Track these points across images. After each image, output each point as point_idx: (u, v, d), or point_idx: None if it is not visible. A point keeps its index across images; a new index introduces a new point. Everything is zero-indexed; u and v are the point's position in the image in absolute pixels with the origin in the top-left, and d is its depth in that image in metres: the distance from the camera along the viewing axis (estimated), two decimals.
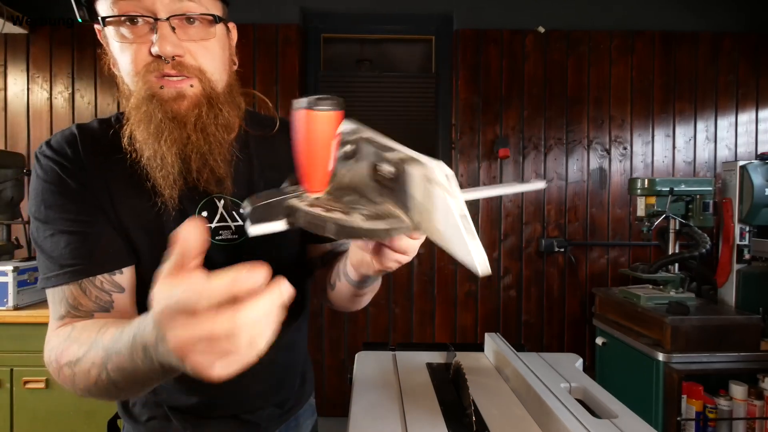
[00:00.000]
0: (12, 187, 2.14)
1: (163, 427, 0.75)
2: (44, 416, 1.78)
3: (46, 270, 0.60)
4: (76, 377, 0.51)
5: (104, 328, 0.51)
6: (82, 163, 0.62)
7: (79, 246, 0.59)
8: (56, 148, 0.63)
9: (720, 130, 2.55)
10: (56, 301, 0.60)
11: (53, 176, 0.61)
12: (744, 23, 2.53)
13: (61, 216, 0.60)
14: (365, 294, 0.69)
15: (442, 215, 0.39)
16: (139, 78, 0.57)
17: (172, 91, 0.57)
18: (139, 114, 0.57)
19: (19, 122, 2.43)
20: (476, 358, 1.19)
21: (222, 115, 0.61)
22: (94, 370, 0.48)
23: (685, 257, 1.79)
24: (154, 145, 0.58)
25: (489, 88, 2.50)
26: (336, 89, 2.59)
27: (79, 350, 0.51)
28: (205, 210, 0.67)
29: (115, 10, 0.56)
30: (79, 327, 0.56)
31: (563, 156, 2.52)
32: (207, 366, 0.35)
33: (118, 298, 0.62)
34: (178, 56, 0.57)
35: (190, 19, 0.57)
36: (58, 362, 0.54)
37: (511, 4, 2.49)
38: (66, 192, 0.61)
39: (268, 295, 0.34)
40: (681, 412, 1.62)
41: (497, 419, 0.84)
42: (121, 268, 0.62)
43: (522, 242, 2.52)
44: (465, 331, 2.53)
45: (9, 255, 2.10)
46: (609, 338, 1.97)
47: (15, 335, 1.77)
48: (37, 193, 0.61)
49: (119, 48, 0.58)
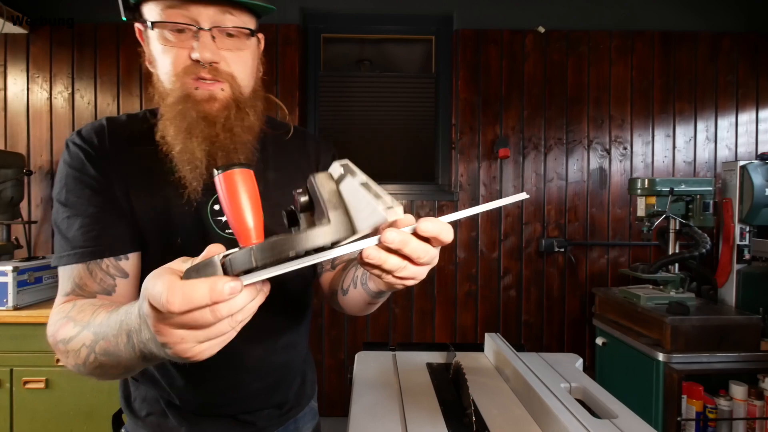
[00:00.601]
0: (12, 187, 2.14)
1: (160, 423, 0.76)
2: (44, 416, 1.78)
3: (60, 249, 0.66)
4: (68, 354, 0.55)
5: (98, 311, 0.55)
6: (107, 152, 0.68)
7: (91, 230, 0.64)
8: (85, 137, 0.68)
9: (720, 130, 2.55)
10: (64, 279, 0.65)
11: (77, 162, 0.67)
12: (743, 23, 2.53)
13: (78, 200, 0.65)
14: (378, 303, 0.70)
15: (352, 197, 0.41)
16: (177, 78, 0.63)
17: (206, 93, 0.63)
18: (174, 111, 0.63)
19: (19, 122, 2.43)
20: (476, 358, 1.19)
21: (247, 118, 0.67)
22: (84, 351, 0.53)
23: (685, 257, 1.79)
24: (186, 141, 0.63)
25: (489, 88, 2.50)
26: (336, 89, 2.59)
27: (73, 330, 0.55)
28: (218, 204, 0.70)
29: (165, 17, 0.61)
30: (78, 306, 0.59)
31: (563, 156, 2.52)
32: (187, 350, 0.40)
33: (121, 283, 0.66)
34: (215, 62, 0.63)
35: (229, 31, 0.64)
36: (54, 338, 0.58)
37: (511, 4, 2.50)
38: (86, 178, 0.66)
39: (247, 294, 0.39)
40: (681, 412, 1.62)
41: (497, 419, 0.84)
42: (127, 254, 0.67)
43: (522, 242, 2.52)
44: (465, 331, 2.53)
45: (9, 255, 2.10)
46: (609, 338, 1.97)
47: (15, 335, 1.77)
48: (62, 177, 0.67)
49: (162, 50, 0.63)
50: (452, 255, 2.51)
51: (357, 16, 2.55)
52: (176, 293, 0.37)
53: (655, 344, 1.67)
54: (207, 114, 0.64)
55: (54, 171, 2.43)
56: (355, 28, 2.60)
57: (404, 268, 0.45)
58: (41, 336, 1.78)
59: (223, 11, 0.63)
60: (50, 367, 1.77)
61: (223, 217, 0.71)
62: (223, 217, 0.71)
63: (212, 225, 0.71)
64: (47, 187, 2.43)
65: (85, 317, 0.56)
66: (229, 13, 0.63)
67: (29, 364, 1.77)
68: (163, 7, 0.61)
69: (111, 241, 0.65)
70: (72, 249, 0.65)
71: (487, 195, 2.51)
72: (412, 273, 0.46)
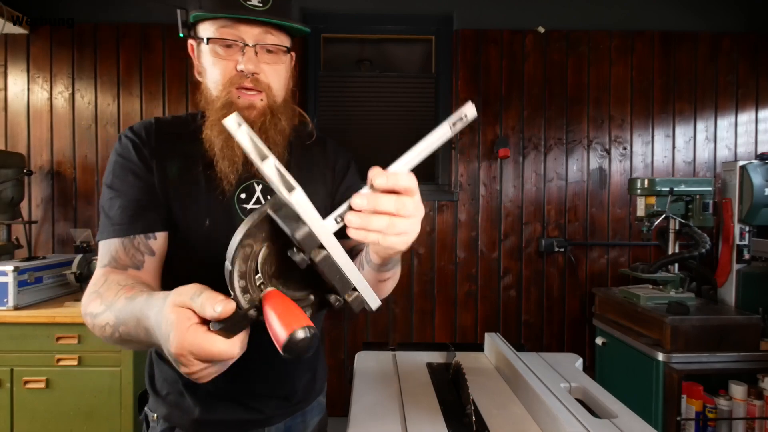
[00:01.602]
0: (12, 187, 2.14)
1: (177, 403, 0.84)
2: (44, 416, 1.78)
3: (102, 227, 0.76)
4: (95, 327, 0.65)
5: (120, 292, 0.64)
6: (152, 145, 0.79)
7: (128, 209, 0.75)
8: (135, 131, 0.80)
9: (720, 130, 2.55)
10: (103, 252, 0.75)
11: (125, 151, 0.78)
12: (743, 23, 2.53)
13: (122, 184, 0.76)
14: (388, 279, 0.74)
15: None
16: (223, 87, 0.75)
17: (246, 101, 0.75)
18: (219, 115, 0.73)
19: (19, 122, 2.43)
20: (476, 358, 1.19)
21: (279, 123, 0.78)
22: (108, 329, 0.63)
23: (685, 257, 1.79)
24: (228, 139, 0.75)
25: (489, 88, 2.50)
26: (336, 89, 2.59)
27: (99, 307, 0.65)
28: (244, 192, 0.81)
29: (218, 35, 0.74)
30: (107, 283, 0.69)
31: (563, 156, 2.52)
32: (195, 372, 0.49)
33: (148, 260, 0.75)
34: (256, 73, 0.75)
35: (269, 48, 0.76)
36: (85, 309, 0.68)
37: (511, 4, 2.50)
38: (131, 165, 0.77)
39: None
40: (681, 411, 1.62)
41: (497, 419, 0.84)
42: (156, 234, 0.76)
43: (522, 242, 2.52)
44: (465, 331, 2.53)
45: (9, 255, 2.10)
46: (609, 338, 1.97)
47: (15, 335, 1.77)
48: (111, 164, 0.78)
49: (212, 62, 0.76)
50: (452, 255, 2.51)
51: (357, 16, 2.55)
52: (184, 347, 0.46)
53: (655, 344, 1.67)
54: (246, 119, 0.71)
55: (54, 171, 2.43)
56: (355, 28, 2.60)
57: (393, 225, 0.48)
58: (41, 336, 1.78)
59: (266, 31, 0.75)
60: (50, 367, 1.77)
61: (248, 204, 0.81)
62: (248, 204, 0.81)
63: (238, 211, 0.80)
64: (47, 187, 2.43)
65: (110, 296, 0.65)
66: (270, 33, 0.75)
67: (29, 364, 1.77)
68: (217, 26, 0.74)
69: (144, 221, 0.75)
70: (111, 225, 0.74)
71: (487, 195, 2.51)
72: (402, 227, 0.49)
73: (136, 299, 0.59)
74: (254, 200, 0.81)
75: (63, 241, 2.44)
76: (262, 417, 0.86)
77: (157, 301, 0.54)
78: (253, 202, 0.81)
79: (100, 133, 2.44)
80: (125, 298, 0.62)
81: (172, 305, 0.49)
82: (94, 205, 2.44)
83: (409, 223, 0.49)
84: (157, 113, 2.45)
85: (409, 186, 0.49)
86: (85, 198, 2.44)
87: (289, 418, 0.90)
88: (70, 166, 2.43)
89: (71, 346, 1.77)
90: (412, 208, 0.49)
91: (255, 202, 0.81)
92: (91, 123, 2.44)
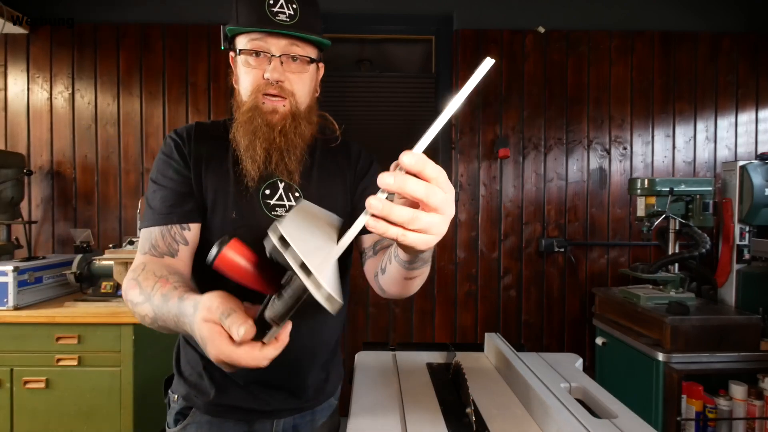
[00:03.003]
0: (12, 187, 2.14)
1: (196, 384, 0.90)
2: (44, 416, 1.78)
3: (145, 216, 0.84)
4: (136, 314, 0.73)
5: (157, 284, 0.71)
6: (191, 145, 0.87)
7: (168, 201, 0.83)
8: (179, 132, 0.89)
9: (720, 130, 2.55)
10: (144, 239, 0.82)
11: (169, 150, 0.86)
12: (743, 23, 2.53)
13: (164, 178, 0.84)
14: (415, 278, 0.71)
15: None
16: (252, 93, 0.83)
17: (270, 106, 0.84)
18: (245, 118, 0.83)
19: (19, 122, 2.43)
20: (476, 358, 1.19)
21: (300, 127, 0.85)
22: (147, 319, 0.71)
23: (685, 257, 1.79)
24: (252, 140, 0.83)
25: (489, 88, 2.50)
26: (336, 89, 2.59)
27: (139, 297, 0.72)
28: (269, 189, 0.88)
29: (249, 47, 0.83)
30: (146, 271, 0.75)
31: (563, 156, 2.52)
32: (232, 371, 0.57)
33: (182, 249, 0.82)
34: (280, 81, 0.83)
35: (294, 58, 0.84)
36: (125, 294, 0.75)
37: (511, 4, 2.50)
38: (172, 162, 0.85)
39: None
40: (681, 412, 1.62)
41: (497, 419, 0.84)
42: (190, 225, 0.83)
43: (522, 242, 2.52)
44: (465, 331, 2.53)
45: (9, 255, 2.10)
46: (609, 338, 1.97)
47: (15, 335, 1.77)
48: (156, 161, 0.87)
49: (244, 71, 0.84)
50: (452, 255, 2.51)
51: (357, 16, 2.55)
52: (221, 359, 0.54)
53: (655, 344, 1.67)
54: (269, 122, 0.83)
55: (54, 171, 2.43)
56: (355, 28, 2.59)
57: (416, 219, 0.43)
58: (41, 336, 1.78)
59: (291, 43, 0.83)
60: (50, 367, 1.77)
61: (271, 200, 0.87)
62: (271, 200, 0.87)
63: (261, 205, 0.87)
64: (47, 187, 2.43)
65: (147, 287, 0.71)
66: (296, 45, 0.83)
67: (29, 364, 1.77)
68: (248, 39, 0.83)
69: (180, 212, 0.83)
70: (153, 215, 0.82)
71: (487, 195, 2.51)
72: (426, 223, 0.43)
73: (170, 300, 0.66)
74: (277, 196, 0.88)
75: (63, 241, 2.44)
76: (269, 409, 0.89)
77: (188, 308, 0.61)
78: (276, 198, 0.88)
79: (100, 133, 2.44)
80: (161, 294, 0.68)
81: (202, 321, 0.55)
82: (94, 205, 2.44)
83: (434, 220, 0.44)
84: (157, 113, 2.45)
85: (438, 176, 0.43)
86: (85, 198, 2.44)
87: (297, 414, 0.92)
88: (70, 166, 2.43)
89: (71, 346, 1.77)
90: (440, 199, 0.43)
91: (278, 198, 0.88)
92: (91, 123, 2.44)
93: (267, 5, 0.80)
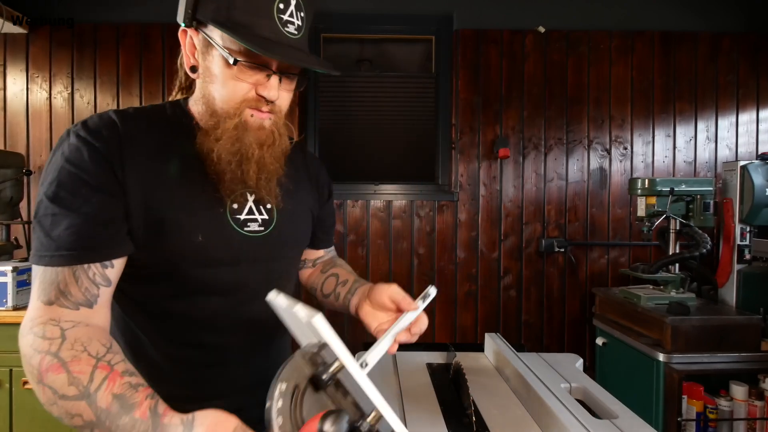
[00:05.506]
0: (11, 187, 2.14)
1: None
2: (43, 416, 1.77)
3: (41, 248, 0.61)
4: (56, 406, 0.54)
5: (95, 373, 0.54)
6: (115, 147, 0.66)
7: (80, 232, 0.61)
8: (92, 129, 0.66)
9: (720, 130, 2.55)
10: (46, 282, 0.61)
11: (77, 156, 0.63)
12: (743, 23, 2.53)
13: (72, 199, 0.61)
14: None
15: None
16: (237, 104, 0.70)
17: (258, 121, 0.72)
18: (231, 135, 0.69)
19: (18, 122, 2.43)
20: (476, 358, 1.19)
21: (281, 140, 0.76)
22: (78, 420, 0.52)
23: (686, 257, 1.78)
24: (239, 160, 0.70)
25: (489, 88, 2.50)
26: (336, 89, 2.59)
27: (68, 388, 0.53)
28: (236, 203, 0.75)
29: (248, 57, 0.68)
30: (68, 343, 0.57)
31: (563, 156, 2.52)
32: None
33: (104, 292, 0.64)
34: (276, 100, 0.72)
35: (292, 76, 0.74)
36: (40, 375, 0.55)
37: (511, 4, 2.49)
38: (83, 175, 0.63)
39: None
40: (681, 412, 1.62)
41: (497, 419, 0.84)
42: (113, 261, 0.64)
43: (522, 242, 2.52)
44: (465, 331, 2.52)
45: (9, 255, 2.09)
46: (609, 338, 1.96)
47: (15, 335, 1.75)
48: (55, 170, 0.63)
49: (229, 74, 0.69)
50: (452, 255, 2.51)
51: (357, 16, 2.55)
52: None
53: (655, 344, 1.67)
54: (257, 138, 0.72)
55: None
56: (355, 28, 2.59)
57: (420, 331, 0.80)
58: None
59: None
60: None
61: (240, 216, 0.75)
62: (240, 216, 0.75)
63: (231, 223, 0.74)
64: None
65: (83, 375, 0.54)
66: None
67: None
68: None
69: (101, 247, 0.63)
70: (57, 250, 0.60)
71: (487, 195, 2.51)
72: (419, 329, 0.79)
73: (132, 411, 0.52)
74: (247, 210, 0.76)
75: None
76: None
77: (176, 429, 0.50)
78: (246, 213, 0.76)
79: None
80: (112, 396, 0.53)
81: None
82: None
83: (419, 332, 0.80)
84: None
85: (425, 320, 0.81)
86: None
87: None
88: None
89: None
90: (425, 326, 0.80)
91: (248, 212, 0.76)
92: None
93: (277, 10, 0.66)
